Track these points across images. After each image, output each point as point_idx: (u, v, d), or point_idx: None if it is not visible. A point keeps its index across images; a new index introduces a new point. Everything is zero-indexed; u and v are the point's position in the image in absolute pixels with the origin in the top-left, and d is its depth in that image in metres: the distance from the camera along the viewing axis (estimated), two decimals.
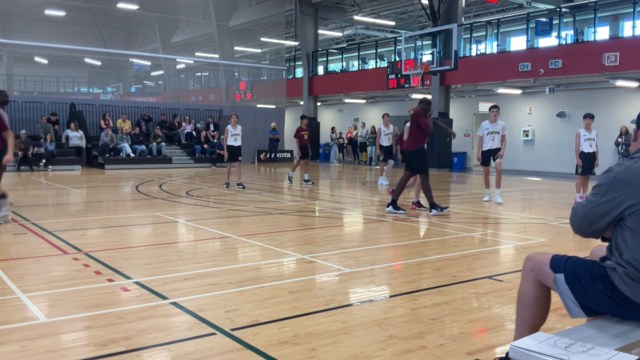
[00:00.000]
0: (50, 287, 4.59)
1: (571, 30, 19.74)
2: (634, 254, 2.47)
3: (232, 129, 13.18)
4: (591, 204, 2.57)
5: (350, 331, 3.63)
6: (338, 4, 28.57)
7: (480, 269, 5.49)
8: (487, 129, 10.90)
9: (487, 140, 10.89)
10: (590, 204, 2.58)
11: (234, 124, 13.19)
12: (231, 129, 13.18)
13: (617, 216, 2.49)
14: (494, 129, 10.86)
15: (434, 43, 20.70)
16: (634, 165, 2.48)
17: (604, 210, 2.52)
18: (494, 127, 10.88)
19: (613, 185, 2.49)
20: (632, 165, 2.48)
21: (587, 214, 2.59)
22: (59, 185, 13.99)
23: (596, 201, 2.54)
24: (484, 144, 10.93)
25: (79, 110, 22.59)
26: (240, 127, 13.42)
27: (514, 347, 2.29)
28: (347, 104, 29.88)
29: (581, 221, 2.64)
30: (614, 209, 2.49)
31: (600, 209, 2.53)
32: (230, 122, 13.28)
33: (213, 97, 37.43)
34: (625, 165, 2.50)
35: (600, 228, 2.58)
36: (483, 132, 10.96)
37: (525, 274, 2.83)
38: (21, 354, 3.19)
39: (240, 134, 13.33)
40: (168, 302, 4.19)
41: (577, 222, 2.66)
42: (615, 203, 2.47)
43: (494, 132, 10.85)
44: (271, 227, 7.96)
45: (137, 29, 48.97)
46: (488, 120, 10.99)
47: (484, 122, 11.11)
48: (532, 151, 22.13)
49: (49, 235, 6.91)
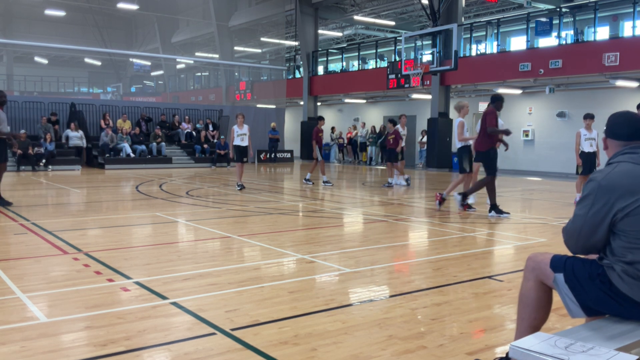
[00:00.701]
0: (50, 287, 4.59)
1: (571, 30, 19.73)
2: (634, 256, 2.48)
3: (237, 128, 13.05)
4: (582, 217, 2.60)
5: (350, 331, 3.63)
6: (338, 4, 28.57)
7: (480, 269, 5.49)
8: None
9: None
10: (581, 218, 2.60)
11: (240, 124, 13.07)
12: (237, 129, 13.05)
13: (610, 223, 2.52)
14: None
15: (434, 43, 20.70)
16: (614, 171, 2.54)
17: (598, 219, 2.54)
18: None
19: (599, 192, 2.53)
20: (612, 171, 2.55)
21: (581, 228, 2.61)
22: (59, 185, 13.99)
23: (586, 213, 2.57)
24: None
25: (79, 110, 22.59)
26: (247, 127, 13.27)
27: (514, 347, 2.29)
28: (347, 104, 29.88)
29: (578, 237, 2.65)
30: (606, 215, 2.51)
31: (594, 219, 2.55)
32: (236, 122, 13.16)
33: (213, 97, 37.44)
34: (606, 172, 2.57)
35: (599, 239, 2.59)
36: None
37: (527, 274, 2.84)
38: (21, 354, 3.19)
39: (247, 134, 13.15)
40: (168, 302, 4.19)
41: (574, 240, 2.67)
42: (606, 209, 2.51)
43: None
44: (271, 227, 7.96)
45: (137, 29, 48.96)
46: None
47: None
48: (532, 151, 22.13)
49: (49, 235, 6.91)
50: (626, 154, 2.59)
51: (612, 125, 2.72)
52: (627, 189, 2.48)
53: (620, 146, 2.67)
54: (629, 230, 2.48)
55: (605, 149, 2.78)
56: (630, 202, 2.46)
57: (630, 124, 2.66)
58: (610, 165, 2.61)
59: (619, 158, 2.60)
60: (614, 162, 2.61)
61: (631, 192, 2.47)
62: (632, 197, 2.46)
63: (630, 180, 2.49)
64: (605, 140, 2.77)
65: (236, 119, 13.18)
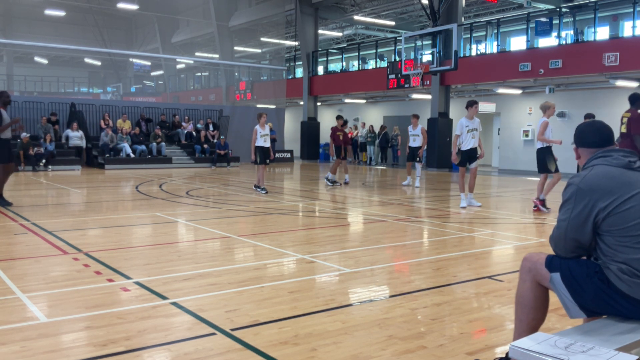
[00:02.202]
0: (50, 287, 4.59)
1: (571, 30, 19.73)
2: (625, 254, 2.51)
3: (260, 129, 12.38)
4: (565, 222, 2.67)
5: (350, 331, 3.63)
6: (338, 4, 28.56)
7: (480, 269, 5.49)
8: (467, 126, 10.11)
9: (467, 138, 10.12)
10: (564, 222, 2.67)
11: (262, 124, 12.39)
12: (260, 129, 12.38)
13: (593, 224, 2.58)
14: (473, 126, 10.16)
15: (434, 43, 20.70)
16: (590, 174, 2.63)
17: (580, 220, 2.60)
18: (474, 124, 10.17)
19: (579, 195, 2.60)
20: (589, 174, 2.64)
21: (566, 233, 2.67)
22: (59, 185, 13.99)
23: (569, 217, 2.64)
24: (465, 142, 10.11)
25: (79, 110, 22.59)
26: (269, 126, 12.68)
27: (514, 347, 2.29)
28: (347, 104, 29.88)
29: (565, 242, 2.71)
30: (589, 216, 2.58)
31: (576, 221, 2.62)
32: (258, 122, 12.48)
33: (213, 97, 37.43)
34: (583, 175, 2.65)
35: (585, 241, 2.64)
36: (462, 129, 10.11)
37: (523, 275, 2.84)
38: (21, 354, 3.19)
39: (269, 134, 12.60)
40: (168, 302, 4.19)
41: (562, 245, 2.73)
42: (588, 210, 2.58)
43: (473, 130, 10.15)
44: (271, 227, 7.96)
45: (137, 29, 48.94)
46: (466, 117, 10.18)
47: (462, 119, 10.25)
48: (532, 151, 22.01)
49: (49, 235, 6.91)
50: (600, 157, 2.69)
51: (583, 135, 2.84)
52: (606, 190, 2.55)
53: (592, 153, 2.77)
54: (614, 229, 2.54)
55: (578, 158, 2.88)
56: (609, 201, 2.53)
57: (601, 132, 2.79)
58: (586, 169, 2.70)
59: (594, 162, 2.70)
60: (589, 166, 2.70)
61: (609, 192, 2.55)
62: (611, 196, 2.54)
63: (607, 181, 2.57)
64: (576, 150, 2.87)
65: (258, 118, 12.49)
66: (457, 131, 10.22)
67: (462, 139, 10.14)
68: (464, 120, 10.18)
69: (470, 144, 10.14)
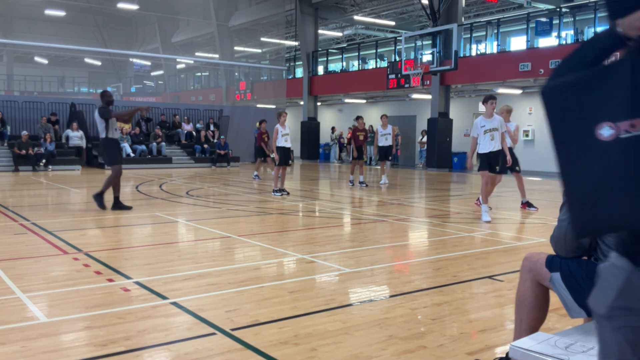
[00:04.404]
0: (50, 287, 4.59)
1: (571, 30, 19.73)
2: None
3: (281, 128, 11.86)
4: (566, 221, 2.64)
5: (350, 331, 3.63)
6: (338, 4, 28.56)
7: (480, 269, 5.49)
8: (484, 126, 8.72)
9: (485, 139, 8.74)
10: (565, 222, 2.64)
11: (282, 123, 11.85)
12: (281, 129, 11.85)
13: None
14: (492, 126, 8.72)
15: (434, 43, 20.70)
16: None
17: None
18: (492, 123, 8.73)
19: None
20: None
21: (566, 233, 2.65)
22: (59, 185, 13.99)
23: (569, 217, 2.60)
24: (482, 144, 8.77)
25: (79, 110, 22.58)
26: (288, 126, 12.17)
27: (514, 347, 2.29)
28: (347, 104, 29.88)
29: (565, 241, 2.68)
30: None
31: None
32: (278, 121, 11.92)
33: (213, 97, 37.43)
34: None
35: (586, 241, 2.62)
36: (478, 130, 8.75)
37: (523, 275, 2.84)
38: (21, 354, 3.19)
39: (289, 134, 12.07)
40: (168, 302, 4.19)
41: (562, 244, 2.71)
42: None
43: (492, 130, 8.72)
44: (271, 227, 7.96)
45: (137, 29, 48.91)
46: (482, 116, 8.82)
47: (477, 119, 8.88)
48: (532, 151, 22.12)
49: (49, 235, 6.91)
50: None
51: None
52: None
53: None
54: None
55: None
56: None
57: None
58: None
59: None
60: None
61: None
62: None
63: None
64: None
65: (278, 117, 11.93)
66: (473, 133, 8.89)
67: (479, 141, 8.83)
68: (480, 119, 8.80)
69: (489, 146, 8.71)
